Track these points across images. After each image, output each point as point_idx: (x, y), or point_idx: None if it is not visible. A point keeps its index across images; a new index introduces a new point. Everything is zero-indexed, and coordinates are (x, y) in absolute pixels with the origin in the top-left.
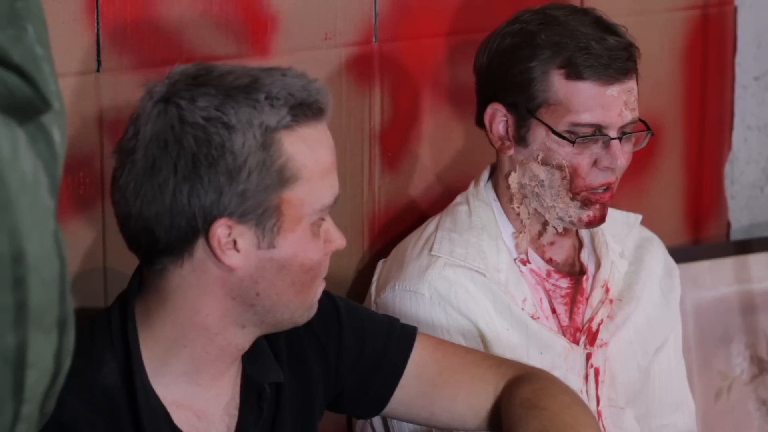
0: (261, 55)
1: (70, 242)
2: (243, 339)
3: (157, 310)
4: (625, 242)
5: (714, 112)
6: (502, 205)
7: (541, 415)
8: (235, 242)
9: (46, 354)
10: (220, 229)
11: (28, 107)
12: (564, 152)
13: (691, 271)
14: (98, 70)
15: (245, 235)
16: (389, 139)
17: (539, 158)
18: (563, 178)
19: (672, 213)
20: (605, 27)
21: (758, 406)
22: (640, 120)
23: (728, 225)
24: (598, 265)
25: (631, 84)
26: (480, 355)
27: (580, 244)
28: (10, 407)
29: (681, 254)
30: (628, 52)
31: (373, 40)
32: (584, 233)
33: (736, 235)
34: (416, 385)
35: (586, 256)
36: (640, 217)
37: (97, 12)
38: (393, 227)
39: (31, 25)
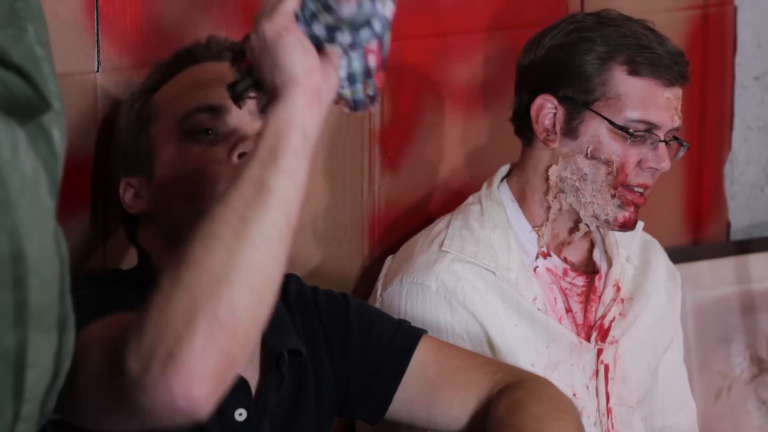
0: None
1: (70, 242)
2: None
3: None
4: (630, 247)
5: (714, 112)
6: (523, 204)
7: None
8: (136, 193)
9: (46, 354)
10: (122, 189)
11: (28, 107)
12: (614, 147)
13: (691, 271)
14: (98, 70)
15: (142, 183)
16: (389, 139)
17: (588, 151)
18: (608, 174)
19: (672, 213)
20: (660, 35)
21: (758, 406)
22: (674, 137)
23: (728, 225)
24: (609, 265)
25: (681, 93)
26: (481, 359)
27: (592, 245)
28: (10, 407)
29: (681, 254)
30: (686, 60)
31: None
32: (596, 234)
33: (736, 235)
34: (416, 384)
35: (598, 256)
36: (642, 223)
37: (97, 12)
38: (393, 227)
39: (31, 25)
